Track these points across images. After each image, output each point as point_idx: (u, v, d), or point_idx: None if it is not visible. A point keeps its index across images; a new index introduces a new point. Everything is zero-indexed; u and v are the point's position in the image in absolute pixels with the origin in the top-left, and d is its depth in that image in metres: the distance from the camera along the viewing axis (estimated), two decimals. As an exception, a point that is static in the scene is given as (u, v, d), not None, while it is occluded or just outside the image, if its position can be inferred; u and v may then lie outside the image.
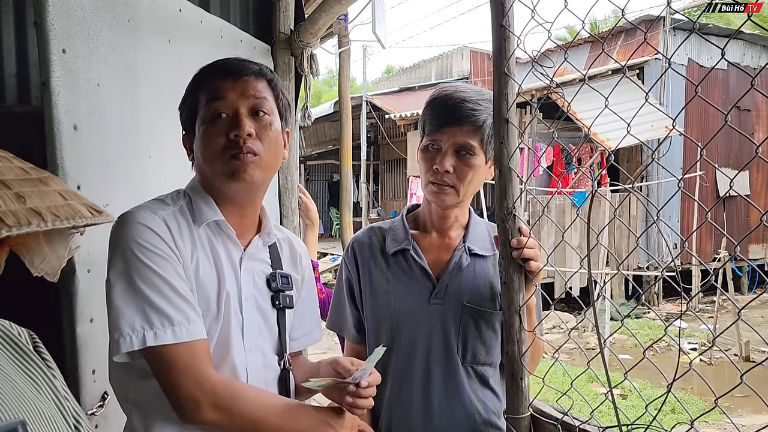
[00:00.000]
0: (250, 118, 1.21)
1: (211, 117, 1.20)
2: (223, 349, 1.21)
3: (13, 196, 0.55)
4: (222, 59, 1.26)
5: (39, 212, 0.55)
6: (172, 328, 1.08)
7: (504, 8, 1.32)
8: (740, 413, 5.45)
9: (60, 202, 0.59)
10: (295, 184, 2.72)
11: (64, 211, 0.58)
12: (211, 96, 1.21)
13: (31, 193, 0.57)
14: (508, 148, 1.33)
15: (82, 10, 1.46)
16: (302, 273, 1.45)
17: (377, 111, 14.43)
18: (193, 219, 1.23)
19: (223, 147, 1.19)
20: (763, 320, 9.03)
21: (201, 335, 1.12)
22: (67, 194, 0.61)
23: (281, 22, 2.65)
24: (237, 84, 1.21)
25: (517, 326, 1.34)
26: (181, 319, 1.10)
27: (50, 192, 0.60)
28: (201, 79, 1.25)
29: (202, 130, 1.21)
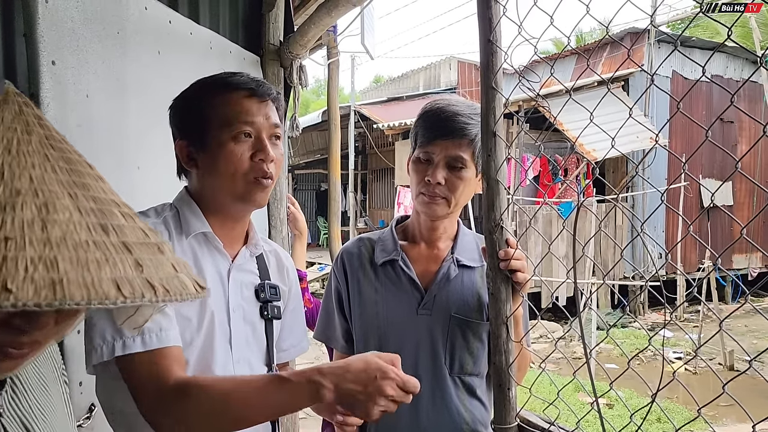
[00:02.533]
0: (270, 143, 1.23)
1: (235, 136, 1.20)
2: (207, 360, 1.20)
3: (133, 262, 0.55)
4: (237, 74, 1.25)
5: (152, 285, 0.55)
6: (141, 337, 1.07)
7: (491, 24, 1.34)
8: (725, 422, 5.49)
9: (171, 273, 0.59)
10: (283, 194, 2.72)
11: (174, 285, 0.58)
12: (237, 115, 1.20)
13: (148, 262, 0.57)
14: (495, 161, 1.35)
15: (71, 22, 1.46)
16: (289, 285, 1.46)
17: (365, 120, 14.48)
18: (180, 230, 1.23)
19: (247, 168, 1.20)
20: (746, 329, 9.12)
21: (172, 342, 1.10)
22: (178, 265, 0.62)
23: (271, 34, 2.66)
24: (261, 106, 1.23)
25: (504, 337, 1.35)
26: (151, 326, 1.08)
27: (164, 262, 0.60)
28: (218, 91, 1.23)
29: (226, 147, 1.20)
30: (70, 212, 0.53)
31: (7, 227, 0.48)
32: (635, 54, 11.01)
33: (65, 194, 0.54)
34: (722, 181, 1.25)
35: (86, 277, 0.49)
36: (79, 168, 0.59)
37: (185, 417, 1.03)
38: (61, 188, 0.54)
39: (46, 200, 0.52)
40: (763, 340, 8.34)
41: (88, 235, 0.53)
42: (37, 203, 0.51)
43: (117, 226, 0.57)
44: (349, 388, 0.97)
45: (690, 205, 10.75)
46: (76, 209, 0.54)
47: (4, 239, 0.48)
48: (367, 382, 0.97)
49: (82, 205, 0.55)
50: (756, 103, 11.67)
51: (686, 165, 1.02)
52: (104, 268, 0.52)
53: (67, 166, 0.57)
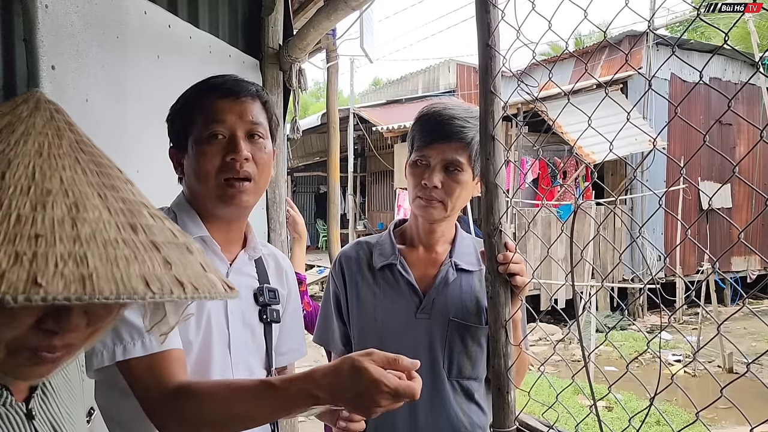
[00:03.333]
0: (246, 141, 1.22)
1: (207, 137, 1.20)
2: (205, 364, 1.20)
3: (161, 260, 0.56)
4: (219, 77, 1.26)
5: (181, 282, 0.56)
6: (141, 341, 1.07)
7: (490, 28, 1.34)
8: (724, 425, 5.49)
9: (200, 272, 0.60)
10: (282, 198, 2.73)
11: (203, 283, 0.59)
12: (208, 116, 1.20)
13: (177, 260, 0.58)
14: (494, 165, 1.35)
15: (71, 27, 1.47)
16: (288, 288, 1.46)
17: (364, 123, 14.49)
18: None
19: (218, 169, 1.19)
20: (745, 332, 9.13)
21: (173, 345, 1.10)
22: (206, 265, 0.62)
23: (270, 38, 2.67)
24: (235, 105, 1.21)
25: (503, 340, 1.35)
26: (134, 335, 1.08)
27: (193, 261, 0.61)
28: (197, 95, 1.24)
29: (196, 149, 1.20)
30: (99, 211, 0.54)
31: (38, 225, 0.49)
32: (634, 57, 11.02)
33: (95, 194, 0.55)
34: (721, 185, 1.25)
35: (115, 273, 0.50)
36: (109, 171, 0.60)
37: (189, 419, 1.04)
38: (91, 189, 0.55)
39: (76, 200, 0.53)
40: (762, 343, 8.34)
41: (117, 234, 0.54)
42: (67, 203, 0.52)
43: (146, 226, 0.58)
44: (344, 398, 0.97)
45: (689, 208, 10.75)
46: (105, 209, 0.55)
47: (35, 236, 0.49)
48: (361, 393, 0.96)
49: (112, 205, 0.56)
50: (754, 105, 11.68)
51: (684, 169, 1.03)
52: (133, 265, 0.52)
53: (97, 169, 0.58)
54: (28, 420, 0.69)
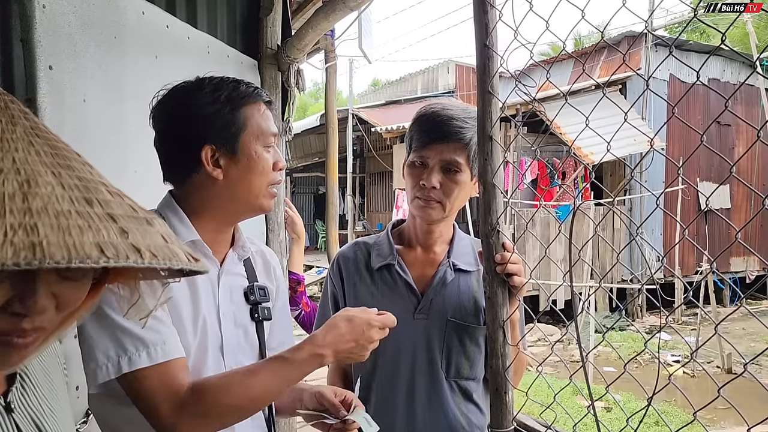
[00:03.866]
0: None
1: (267, 144, 1.26)
2: (200, 367, 1.19)
3: (118, 230, 0.56)
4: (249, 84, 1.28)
5: (138, 248, 0.55)
6: (146, 351, 1.07)
7: (487, 28, 1.34)
8: (723, 425, 5.50)
9: (160, 243, 0.60)
10: (281, 198, 2.72)
11: (163, 252, 0.58)
12: (268, 125, 1.26)
13: (134, 230, 0.57)
14: (492, 165, 1.35)
15: (69, 27, 1.46)
16: (277, 284, 1.46)
17: (363, 124, 14.49)
18: None
19: (270, 178, 1.27)
20: (744, 332, 9.13)
21: (177, 354, 1.11)
22: (168, 237, 0.62)
23: (268, 38, 2.67)
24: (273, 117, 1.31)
25: (501, 341, 1.35)
26: (155, 339, 1.08)
27: (153, 232, 0.60)
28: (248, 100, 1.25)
29: (261, 156, 1.24)
30: (52, 187, 0.54)
31: None
32: (633, 57, 11.03)
33: (48, 173, 0.55)
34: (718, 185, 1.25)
35: (67, 240, 0.50)
36: (65, 153, 0.60)
37: (208, 413, 1.08)
38: (45, 168, 0.56)
39: (28, 177, 0.53)
40: (760, 343, 8.35)
41: (71, 206, 0.54)
42: (18, 179, 0.53)
43: (102, 200, 0.58)
44: (345, 348, 1.14)
45: (688, 208, 10.76)
46: (59, 185, 0.55)
47: None
48: (358, 337, 1.15)
49: (66, 182, 0.56)
50: (753, 106, 11.70)
51: (681, 170, 1.03)
52: (87, 233, 0.52)
53: (51, 151, 0.59)
54: (7, 413, 0.69)
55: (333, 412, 1.22)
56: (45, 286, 0.59)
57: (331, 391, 1.27)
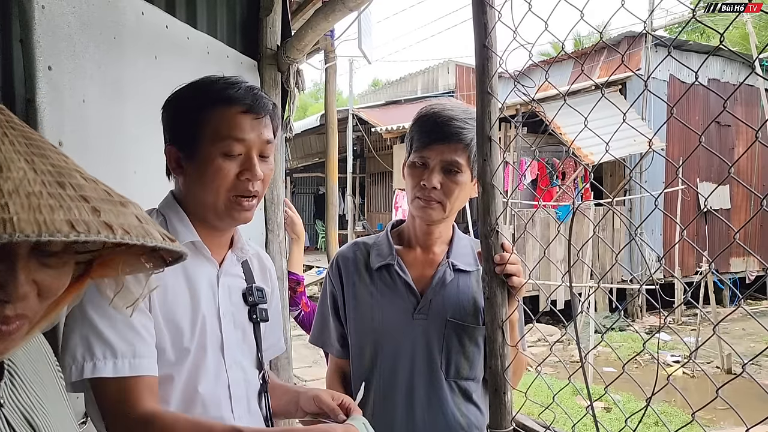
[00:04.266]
0: (259, 160, 1.22)
1: (224, 152, 1.18)
2: (200, 369, 1.19)
3: (89, 209, 0.56)
4: (236, 85, 1.22)
5: (110, 225, 0.56)
6: (114, 361, 1.05)
7: (486, 29, 1.35)
8: (722, 425, 5.50)
9: (134, 223, 0.60)
10: (281, 199, 2.73)
11: (137, 230, 0.59)
12: (229, 131, 1.18)
13: (107, 210, 0.58)
14: (491, 166, 1.35)
15: (68, 27, 1.46)
16: (272, 285, 1.47)
17: (363, 124, 14.50)
18: None
19: (231, 185, 1.19)
20: (744, 333, 9.13)
21: (146, 371, 1.08)
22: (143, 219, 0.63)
23: (268, 38, 2.67)
24: (255, 123, 1.20)
25: (500, 341, 1.35)
26: (125, 350, 1.06)
27: (127, 213, 0.61)
28: (214, 102, 1.20)
29: (210, 161, 1.18)
30: (24, 171, 0.55)
31: None
32: (632, 58, 11.03)
33: (21, 159, 0.56)
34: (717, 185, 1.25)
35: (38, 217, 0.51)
36: (40, 144, 0.61)
37: None
38: (18, 156, 0.56)
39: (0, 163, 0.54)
40: (760, 344, 8.34)
41: (43, 188, 0.54)
42: None
43: (76, 184, 0.58)
44: None
45: (688, 209, 10.76)
46: (31, 170, 0.56)
47: None
48: None
49: (39, 168, 0.57)
50: (753, 107, 11.69)
51: (680, 170, 1.03)
52: (57, 211, 0.53)
53: (26, 141, 0.59)
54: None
55: (331, 416, 1.22)
56: (25, 272, 0.60)
57: (329, 395, 1.27)
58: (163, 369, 1.15)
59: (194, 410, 1.18)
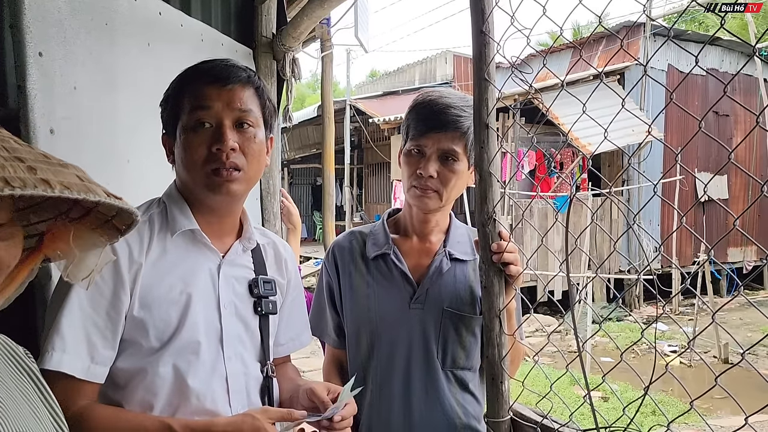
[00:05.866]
0: (234, 131, 1.18)
1: (193, 125, 1.17)
2: (191, 360, 1.16)
3: (26, 168, 0.55)
4: (209, 61, 1.22)
5: (48, 181, 0.55)
6: (51, 353, 1.05)
7: (484, 14, 1.33)
8: (719, 414, 5.52)
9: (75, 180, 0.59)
10: (277, 189, 2.71)
11: (77, 186, 0.58)
12: (195, 103, 1.17)
13: (45, 168, 0.57)
14: (488, 153, 1.34)
15: (58, 13, 1.44)
16: (288, 277, 1.42)
17: (361, 115, 14.45)
18: (165, 228, 1.21)
19: (204, 159, 1.16)
20: (741, 322, 9.16)
21: (68, 369, 1.06)
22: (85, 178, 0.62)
23: (263, 26, 2.64)
24: (223, 92, 1.18)
25: (497, 330, 1.34)
26: (58, 344, 1.06)
27: (67, 173, 0.60)
28: (186, 81, 1.21)
29: (183, 138, 1.18)
30: None
31: None
32: (631, 47, 10.99)
33: None
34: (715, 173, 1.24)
35: None
36: None
37: None
38: None
39: None
40: (757, 333, 8.37)
41: None
42: None
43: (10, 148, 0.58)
44: None
45: (686, 199, 10.76)
46: None
47: None
48: None
49: None
50: (752, 96, 11.67)
51: (679, 156, 1.01)
52: None
53: None
54: None
55: (323, 411, 1.19)
56: None
57: (325, 389, 1.24)
58: (143, 360, 1.14)
59: (188, 404, 1.15)
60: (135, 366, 1.14)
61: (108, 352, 1.12)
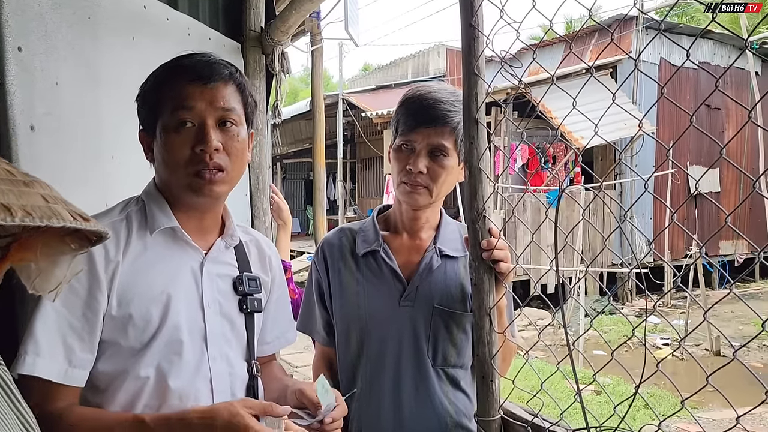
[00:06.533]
0: (217, 130, 1.16)
1: (175, 125, 1.14)
2: (173, 361, 1.14)
3: None
4: (190, 56, 1.19)
5: (8, 207, 0.53)
6: (25, 357, 1.03)
7: (473, 8, 1.31)
8: (711, 407, 5.54)
9: (39, 203, 0.57)
10: (266, 184, 2.68)
11: (40, 211, 0.56)
12: (177, 102, 1.14)
13: (7, 191, 0.55)
14: (477, 149, 1.32)
15: (39, 6, 1.41)
16: (272, 275, 1.40)
17: (354, 109, 14.40)
18: (144, 226, 1.18)
19: (187, 159, 1.14)
20: (733, 315, 9.20)
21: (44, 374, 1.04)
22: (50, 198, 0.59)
23: (252, 20, 2.60)
24: (206, 90, 1.15)
25: (487, 328, 1.33)
26: (31, 348, 1.04)
27: (31, 193, 0.58)
28: (166, 76, 1.18)
29: (164, 138, 1.15)
30: None
31: None
32: (624, 41, 10.98)
33: None
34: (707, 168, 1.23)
35: None
36: None
37: None
38: None
39: None
40: (748, 326, 8.42)
41: None
42: None
43: None
44: None
45: (678, 193, 10.79)
46: None
47: None
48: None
49: None
50: (743, 89, 11.70)
51: (671, 151, 1.00)
52: None
53: None
54: None
55: (312, 411, 1.17)
56: None
57: (313, 389, 1.21)
58: (124, 362, 1.12)
59: (170, 405, 1.13)
60: (115, 368, 1.12)
61: (86, 354, 1.09)
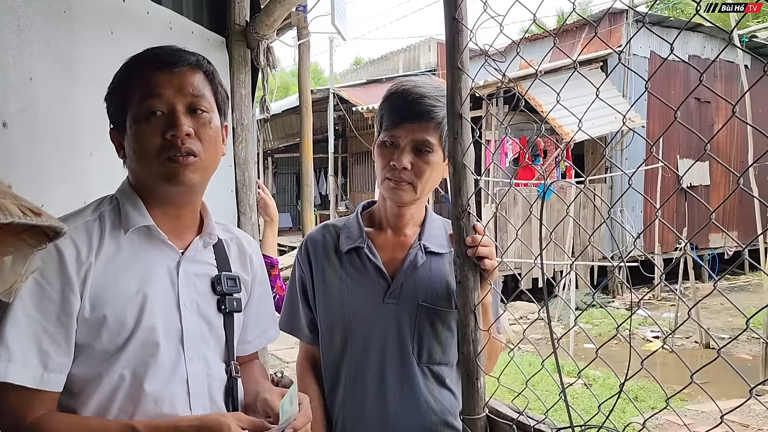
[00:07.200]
0: (188, 116, 1.13)
1: (144, 115, 1.11)
2: (148, 363, 1.11)
3: None
4: (155, 47, 1.17)
5: None
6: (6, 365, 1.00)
7: (456, 1, 1.29)
8: (700, 399, 5.57)
9: None
10: (252, 180, 2.65)
11: None
12: (144, 91, 1.11)
13: None
14: (462, 145, 1.30)
15: (11, 0, 1.37)
16: (253, 273, 1.37)
17: (345, 103, 14.35)
18: (118, 225, 1.15)
19: (159, 148, 1.11)
20: (722, 307, 9.25)
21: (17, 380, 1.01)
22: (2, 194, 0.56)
23: (236, 14, 2.57)
24: (173, 77, 1.13)
25: (472, 326, 1.32)
26: (3, 354, 1.00)
27: None
28: (131, 69, 1.15)
29: (134, 128, 1.12)
30: None
31: None
32: (614, 34, 10.98)
33: None
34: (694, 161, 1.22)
35: None
36: None
37: None
38: None
39: None
40: (737, 318, 8.48)
41: None
42: None
43: None
44: None
45: (668, 186, 10.84)
46: None
47: None
48: None
49: None
50: (733, 83, 11.74)
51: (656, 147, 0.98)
52: None
53: None
54: None
55: (274, 421, 1.13)
56: None
57: (276, 398, 1.18)
58: (98, 365, 1.09)
59: (144, 409, 1.11)
60: (89, 372, 1.09)
61: (63, 359, 1.07)
